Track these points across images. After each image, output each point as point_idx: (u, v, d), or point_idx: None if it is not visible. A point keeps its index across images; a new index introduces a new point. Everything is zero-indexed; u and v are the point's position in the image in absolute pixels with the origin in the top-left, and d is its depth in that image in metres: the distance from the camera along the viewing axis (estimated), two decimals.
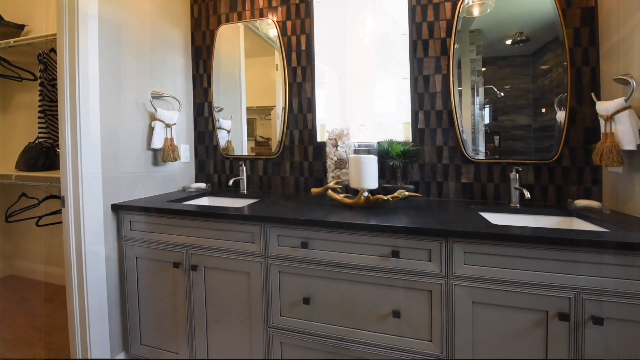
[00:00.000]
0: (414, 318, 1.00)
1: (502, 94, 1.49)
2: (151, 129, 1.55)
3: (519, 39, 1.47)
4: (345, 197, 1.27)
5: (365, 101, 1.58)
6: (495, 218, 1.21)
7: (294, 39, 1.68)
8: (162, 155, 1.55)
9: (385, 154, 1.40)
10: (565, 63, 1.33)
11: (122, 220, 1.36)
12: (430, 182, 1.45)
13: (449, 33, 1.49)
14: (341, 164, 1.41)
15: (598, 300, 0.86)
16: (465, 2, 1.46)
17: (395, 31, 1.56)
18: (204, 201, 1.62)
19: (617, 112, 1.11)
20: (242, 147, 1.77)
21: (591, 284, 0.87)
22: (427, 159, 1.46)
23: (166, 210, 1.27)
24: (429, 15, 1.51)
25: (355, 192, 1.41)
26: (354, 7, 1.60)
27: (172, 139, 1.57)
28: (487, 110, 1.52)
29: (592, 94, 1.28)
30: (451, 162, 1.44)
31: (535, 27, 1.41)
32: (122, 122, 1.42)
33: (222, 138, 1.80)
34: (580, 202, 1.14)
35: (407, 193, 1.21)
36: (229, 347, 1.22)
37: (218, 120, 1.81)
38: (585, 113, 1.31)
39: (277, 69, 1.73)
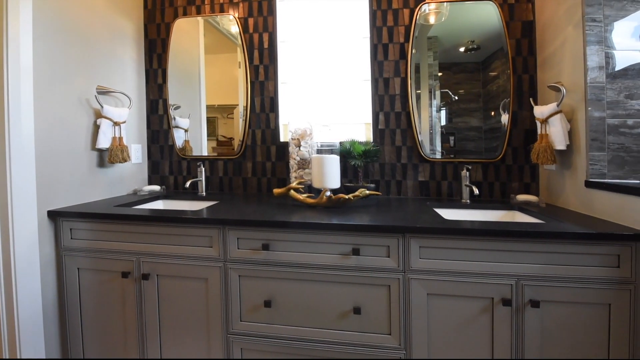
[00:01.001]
0: (374, 313, 1.02)
1: (457, 98, 1.59)
2: (96, 127, 1.42)
3: (470, 47, 1.58)
4: (307, 197, 1.26)
5: (328, 101, 1.59)
6: (448, 214, 1.29)
7: (256, 36, 1.65)
8: (110, 156, 1.42)
9: (347, 153, 1.42)
10: (509, 71, 1.46)
11: (61, 228, 1.23)
12: (390, 180, 1.51)
13: (407, 38, 1.55)
14: (304, 164, 1.40)
15: (535, 285, 0.95)
16: (422, 9, 1.54)
17: (357, 34, 1.59)
18: (158, 204, 1.51)
19: (551, 115, 1.24)
20: (202, 147, 1.69)
21: (529, 270, 0.95)
22: (387, 159, 1.51)
23: (112, 216, 1.17)
24: (388, 20, 1.57)
25: (318, 192, 1.42)
26: (318, 9, 1.61)
27: (121, 138, 1.45)
28: (443, 113, 1.61)
29: (531, 99, 1.41)
30: (409, 162, 1.50)
31: (485, 36, 1.52)
32: (62, 120, 1.28)
33: (179, 137, 1.71)
34: (521, 197, 1.25)
35: (367, 192, 1.23)
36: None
37: (174, 118, 1.70)
38: (525, 116, 1.44)
39: (239, 67, 1.68)
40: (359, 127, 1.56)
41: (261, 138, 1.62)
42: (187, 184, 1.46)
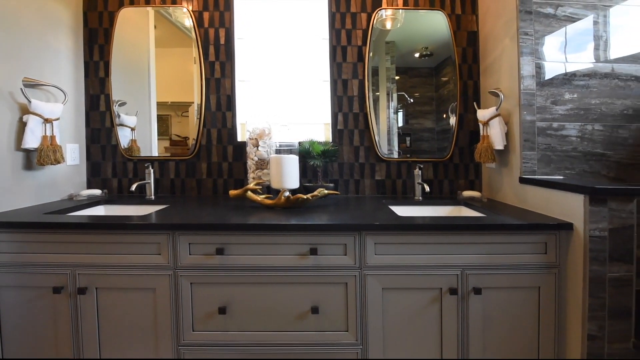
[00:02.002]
0: (332, 311, 1.03)
1: (412, 100, 1.67)
2: (22, 125, 1.25)
3: (424, 53, 1.67)
4: (265, 198, 1.23)
5: (287, 101, 1.58)
6: (402, 210, 1.34)
7: (212, 31, 1.58)
8: (39, 157, 1.26)
9: (306, 153, 1.42)
10: (455, 77, 1.57)
11: None
12: (348, 180, 1.54)
13: (364, 41, 1.59)
14: (262, 164, 1.37)
15: (478, 274, 1.03)
16: (379, 15, 1.59)
17: (317, 35, 1.60)
18: (99, 210, 1.37)
19: (491, 118, 1.36)
20: (151, 147, 1.57)
21: (473, 260, 1.02)
22: (345, 158, 1.54)
23: (41, 225, 1.03)
24: (347, 23, 1.59)
25: (277, 192, 1.39)
26: (277, 7, 1.58)
27: (53, 137, 1.29)
28: (401, 114, 1.68)
29: (475, 104, 1.54)
30: (367, 161, 1.55)
31: (437, 44, 1.62)
32: None
33: (125, 136, 1.57)
34: (467, 193, 1.35)
35: (326, 191, 1.24)
36: None
37: (119, 115, 1.56)
38: (470, 119, 1.56)
39: (195, 62, 1.59)
40: (318, 127, 1.57)
41: (217, 137, 1.55)
42: (133, 187, 1.34)
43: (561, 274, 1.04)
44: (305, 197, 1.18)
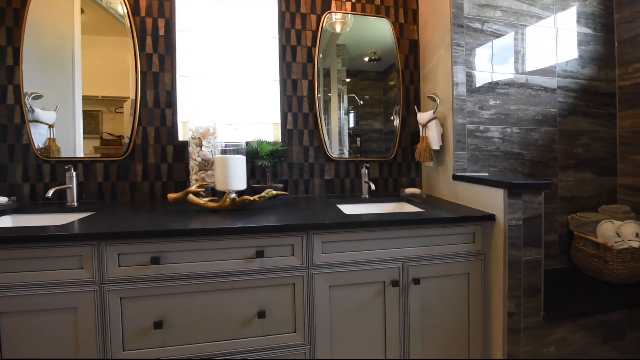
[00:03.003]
0: (279, 314, 1.01)
1: (362, 102, 1.72)
2: None
3: (373, 57, 1.74)
4: (209, 200, 1.17)
5: (234, 99, 1.51)
6: (349, 209, 1.38)
7: (149, 21, 1.45)
8: None
9: (254, 154, 1.38)
10: (399, 82, 1.66)
11: None
12: (298, 180, 1.53)
13: (314, 43, 1.60)
14: (206, 165, 1.29)
15: (417, 265, 1.09)
16: (329, 17, 1.61)
17: (266, 33, 1.57)
18: (4, 221, 1.16)
19: (429, 121, 1.46)
20: (75, 147, 1.38)
21: (413, 253, 1.09)
22: (295, 159, 1.53)
23: None
24: (297, 23, 1.59)
25: (223, 195, 1.33)
26: (225, 1, 1.51)
27: None
28: (352, 115, 1.72)
29: (415, 107, 1.65)
30: (316, 161, 1.56)
31: (384, 50, 1.70)
32: None
33: (40, 134, 1.35)
34: (408, 190, 1.44)
35: (274, 192, 1.22)
36: None
37: (33, 110, 1.35)
38: (412, 121, 1.67)
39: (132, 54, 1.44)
40: (267, 127, 1.54)
41: (155, 137, 1.42)
42: (50, 193, 1.16)
43: (486, 260, 1.16)
44: (252, 198, 1.14)
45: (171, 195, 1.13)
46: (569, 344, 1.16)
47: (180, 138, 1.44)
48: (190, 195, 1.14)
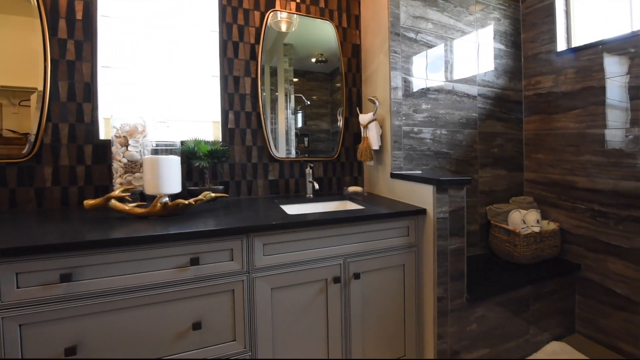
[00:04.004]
0: (217, 323, 0.96)
1: (309, 103, 1.73)
2: None
3: (320, 59, 1.76)
4: (136, 206, 1.06)
5: (168, 95, 1.40)
6: (293, 209, 1.38)
7: (63, 2, 1.25)
8: None
9: (191, 154, 1.29)
10: (342, 84, 1.71)
11: None
12: (240, 181, 1.48)
13: (257, 40, 1.56)
14: (134, 166, 1.17)
15: (357, 260, 1.14)
16: (274, 16, 1.58)
17: (205, 26, 1.48)
18: None
19: (369, 122, 1.54)
20: None
21: (354, 249, 1.13)
22: (237, 159, 1.48)
23: None
24: (239, 19, 1.53)
25: (154, 199, 1.22)
26: None
27: None
28: (300, 115, 1.72)
29: (357, 109, 1.72)
30: (260, 161, 1.52)
31: (330, 52, 1.73)
32: None
33: None
34: (351, 189, 1.50)
35: (213, 194, 1.15)
36: None
37: None
38: (354, 122, 1.74)
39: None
40: (206, 126, 1.45)
41: (69, 135, 1.24)
42: None
43: (419, 251, 1.26)
44: (186, 202, 1.06)
45: (88, 202, 1.00)
46: (487, 321, 1.33)
47: (102, 137, 1.27)
48: (113, 201, 1.02)
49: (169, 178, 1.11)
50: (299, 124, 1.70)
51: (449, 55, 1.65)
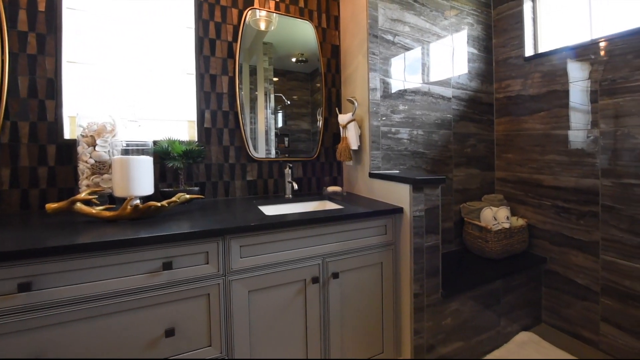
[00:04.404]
0: (191, 329, 0.94)
1: (289, 102, 1.72)
2: None
3: (300, 59, 1.75)
4: (104, 209, 1.01)
5: (139, 93, 1.34)
6: (271, 209, 1.37)
7: None
8: None
9: (164, 154, 1.25)
10: (322, 84, 1.72)
11: None
12: (217, 182, 1.45)
13: (235, 38, 1.53)
14: (102, 168, 1.12)
15: (336, 260, 1.15)
16: (253, 14, 1.56)
17: (181, 22, 1.43)
18: None
19: (348, 122, 1.55)
20: None
21: (332, 248, 1.14)
22: (214, 159, 1.45)
23: None
24: (216, 16, 1.49)
25: (124, 202, 1.17)
26: None
27: None
28: (280, 115, 1.71)
29: (337, 109, 1.73)
30: (237, 162, 1.50)
31: (310, 52, 1.72)
32: None
33: None
34: (330, 189, 1.51)
35: (188, 196, 1.12)
36: None
37: None
38: (333, 123, 1.75)
39: None
40: (181, 125, 1.41)
41: (30, 134, 1.16)
42: None
43: (396, 249, 1.29)
44: (159, 204, 1.03)
45: (50, 206, 0.94)
46: (461, 314, 1.38)
47: (67, 136, 1.20)
48: (79, 204, 0.97)
49: (140, 179, 1.07)
50: (280, 124, 1.69)
51: (426, 58, 1.70)
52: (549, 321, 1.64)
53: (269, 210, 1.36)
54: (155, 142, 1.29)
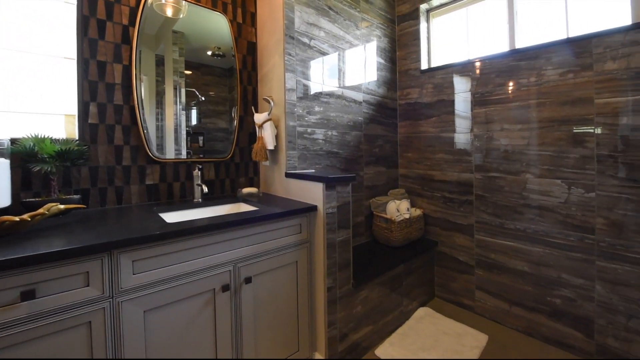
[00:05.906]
0: None
1: (204, 99, 1.59)
2: None
3: (217, 53, 1.63)
4: None
5: None
6: (175, 216, 1.26)
7: None
8: None
9: (29, 155, 1.01)
10: (237, 81, 1.65)
11: None
12: (106, 188, 1.25)
13: (132, 22, 1.34)
14: None
15: (249, 264, 1.12)
16: None
17: None
18: None
19: (264, 122, 1.53)
20: None
21: (245, 253, 1.11)
22: (102, 161, 1.24)
23: None
24: None
25: None
26: None
27: None
28: (194, 112, 1.56)
29: (252, 108, 1.69)
30: (134, 164, 1.32)
31: (226, 47, 1.62)
32: None
33: None
34: (246, 190, 1.47)
35: (62, 206, 0.94)
36: None
37: None
38: (249, 121, 1.71)
39: None
40: (55, 120, 1.16)
41: None
42: None
43: (311, 247, 1.34)
44: (17, 218, 0.83)
45: None
46: (370, 301, 1.53)
47: None
48: None
49: None
50: (194, 122, 1.56)
51: (341, 64, 1.80)
52: (441, 295, 1.96)
53: (173, 217, 1.23)
54: (14, 141, 1.03)
